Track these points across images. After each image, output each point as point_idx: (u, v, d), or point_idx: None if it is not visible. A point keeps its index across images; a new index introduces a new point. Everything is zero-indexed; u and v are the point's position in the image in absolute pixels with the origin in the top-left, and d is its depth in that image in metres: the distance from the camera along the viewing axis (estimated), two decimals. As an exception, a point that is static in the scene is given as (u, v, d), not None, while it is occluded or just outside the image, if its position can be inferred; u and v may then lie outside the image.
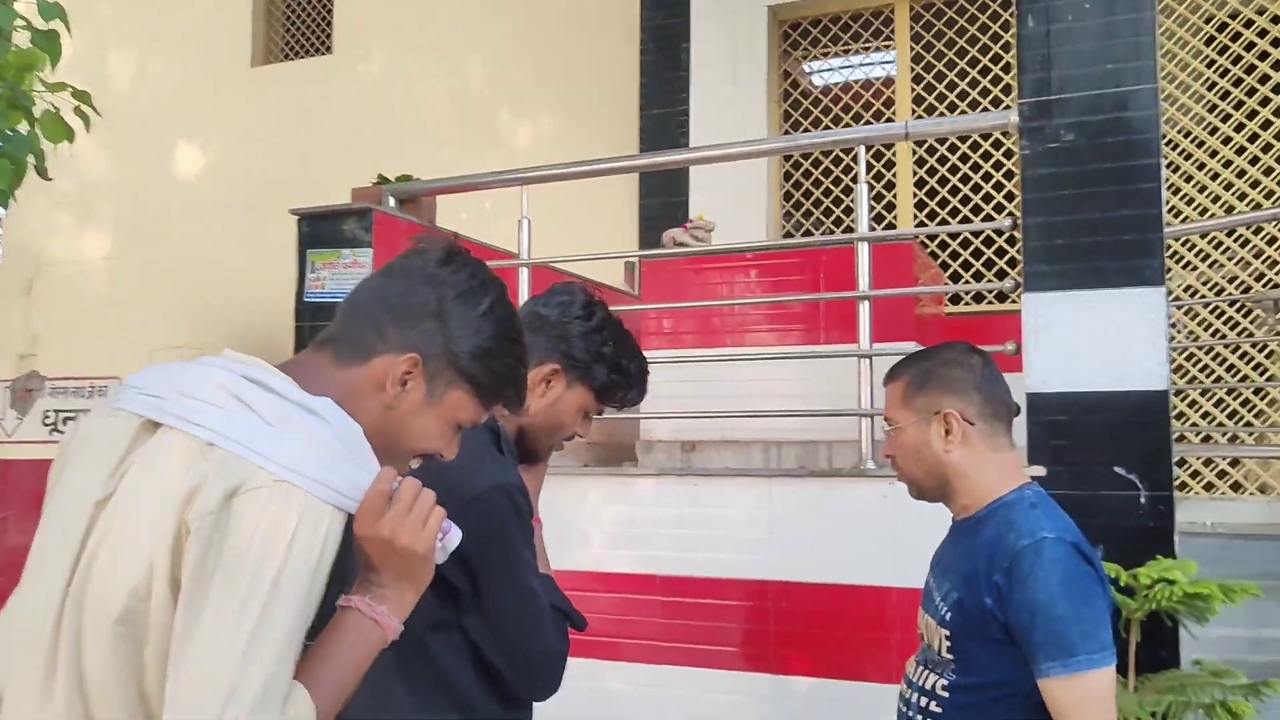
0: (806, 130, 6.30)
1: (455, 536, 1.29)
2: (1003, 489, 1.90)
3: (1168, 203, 5.09)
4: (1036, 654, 1.74)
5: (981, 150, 5.85)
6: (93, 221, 8.43)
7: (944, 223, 5.90)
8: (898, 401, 1.97)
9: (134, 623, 1.09)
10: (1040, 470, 2.93)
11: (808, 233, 6.26)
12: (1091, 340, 2.92)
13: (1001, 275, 5.46)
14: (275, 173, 7.63)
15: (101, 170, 8.45)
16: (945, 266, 6.01)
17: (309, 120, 7.66)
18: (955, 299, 5.76)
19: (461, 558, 1.77)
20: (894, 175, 6.09)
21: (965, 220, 5.82)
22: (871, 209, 6.13)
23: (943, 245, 5.98)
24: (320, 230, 3.82)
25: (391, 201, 3.99)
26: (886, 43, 6.26)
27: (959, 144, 5.85)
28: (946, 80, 5.98)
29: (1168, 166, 5.15)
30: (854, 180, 6.26)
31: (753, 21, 6.27)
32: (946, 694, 1.87)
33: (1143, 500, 2.85)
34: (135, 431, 1.16)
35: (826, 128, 6.27)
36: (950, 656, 1.86)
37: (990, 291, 3.66)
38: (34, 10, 3.84)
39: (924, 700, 1.90)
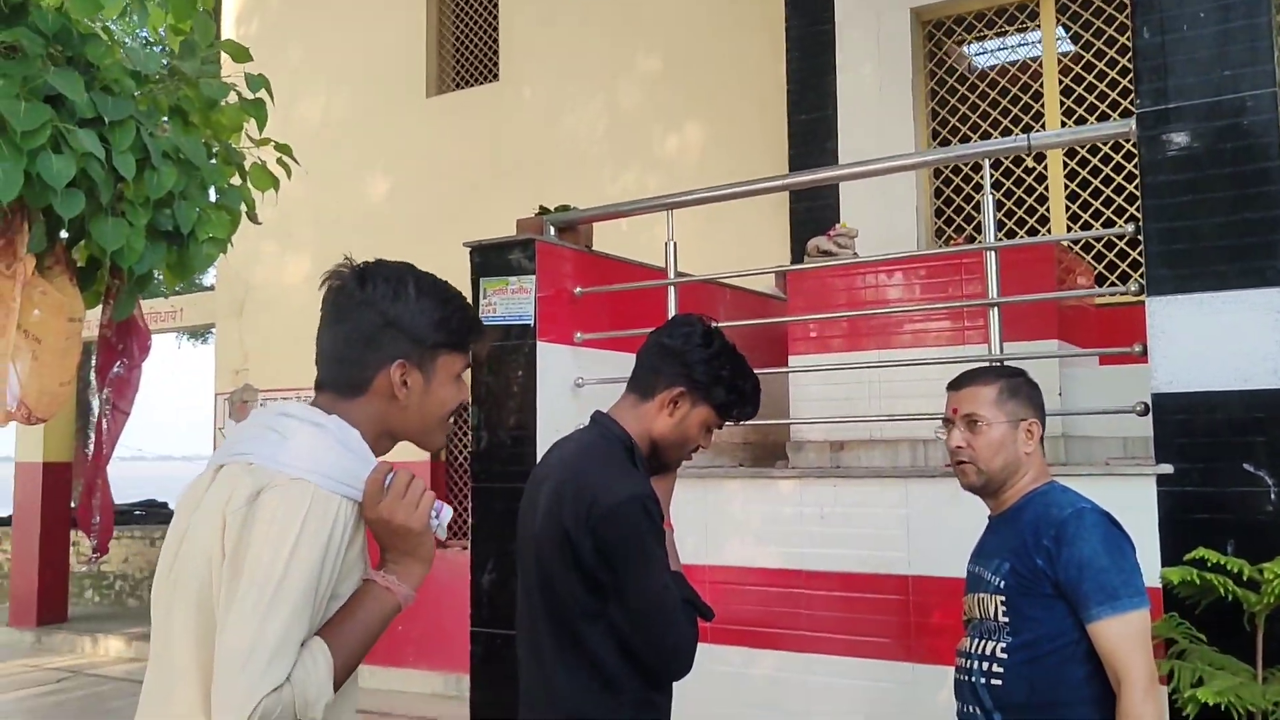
0: (954, 127, 6.37)
1: (447, 514, 1.62)
2: (1038, 483, 2.36)
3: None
4: (1087, 601, 2.12)
5: (1124, 150, 5.79)
6: (293, 248, 9.24)
7: (1103, 221, 5.87)
8: (989, 402, 2.36)
9: (208, 585, 1.45)
10: (1168, 468, 3.03)
11: (960, 227, 6.33)
12: (1215, 341, 3.00)
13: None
14: (448, 195, 8.22)
15: (299, 200, 9.25)
16: (1100, 257, 5.98)
17: (477, 144, 8.21)
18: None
19: (604, 555, 2.17)
20: (1044, 167, 6.09)
21: (1120, 211, 5.79)
22: (1022, 202, 6.18)
23: (1092, 241, 5.96)
24: (489, 260, 4.23)
25: (551, 230, 4.37)
26: (1033, 35, 6.26)
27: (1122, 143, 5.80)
28: (1096, 70, 5.94)
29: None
30: (994, 187, 6.31)
31: (897, 23, 6.38)
32: (1005, 655, 2.20)
33: (1272, 496, 2.92)
34: (211, 475, 1.56)
35: (974, 124, 6.32)
36: (1006, 620, 2.21)
37: (1115, 294, 3.73)
38: (241, 80, 4.40)
39: (985, 665, 2.23)
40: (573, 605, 2.19)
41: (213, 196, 4.41)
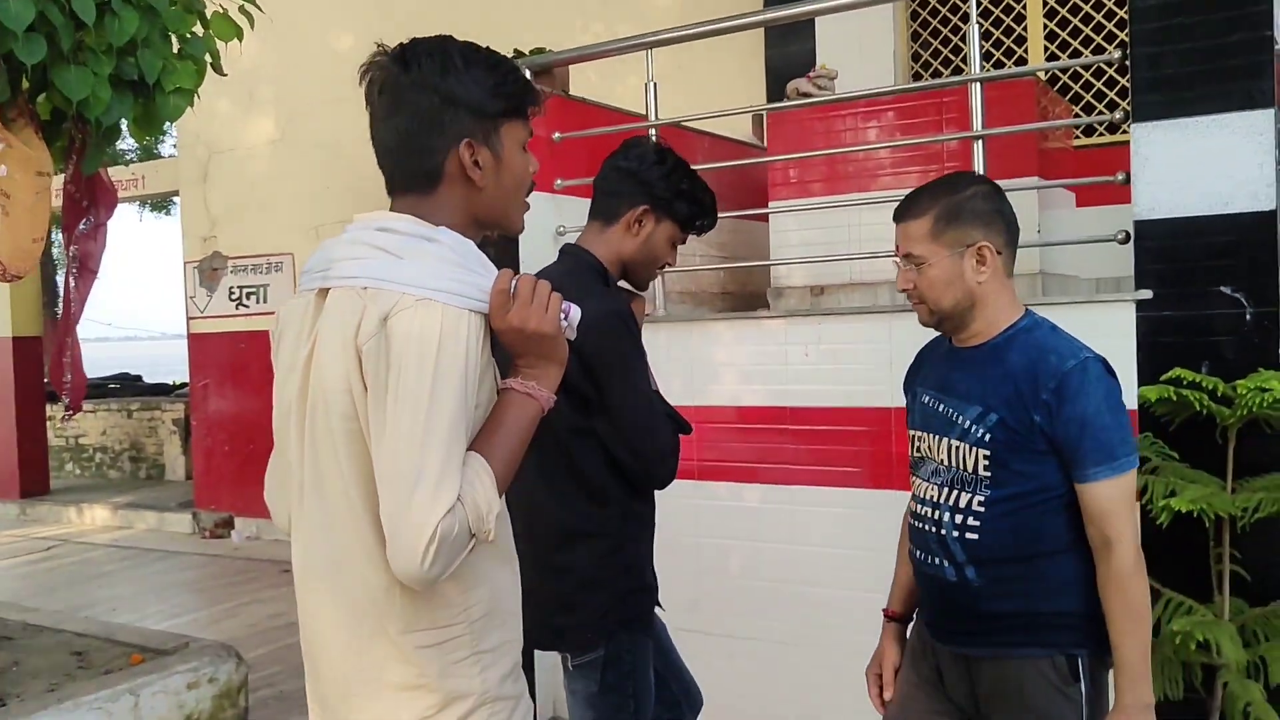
0: (932, -33, 6.23)
1: (576, 313, 1.58)
2: (1013, 315, 2.09)
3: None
4: (1084, 461, 1.96)
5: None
6: (256, 108, 8.99)
7: (1077, 54, 5.81)
8: (924, 237, 2.06)
9: (353, 417, 1.42)
10: (1146, 293, 3.08)
11: (936, 73, 6.25)
12: (1199, 165, 3.02)
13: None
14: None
15: (257, 58, 8.96)
16: (1077, 99, 5.94)
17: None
18: (1089, 130, 5.72)
19: (588, 370, 2.23)
20: (1023, 8, 6.00)
21: (1099, 50, 5.72)
22: (1000, 44, 6.09)
23: (1075, 77, 5.90)
24: (465, 106, 4.14)
25: (527, 74, 4.26)
26: None
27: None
28: (1078, -98, 5.80)
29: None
30: (981, 16, 6.20)
31: None
32: (983, 508, 2.04)
33: (1248, 318, 2.99)
34: (313, 301, 1.51)
35: (953, -38, 6.18)
36: (988, 474, 2.03)
37: (1101, 124, 3.71)
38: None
39: (958, 518, 2.07)
40: (560, 425, 2.19)
41: (176, 47, 4.27)
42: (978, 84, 3.46)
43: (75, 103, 3.55)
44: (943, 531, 2.10)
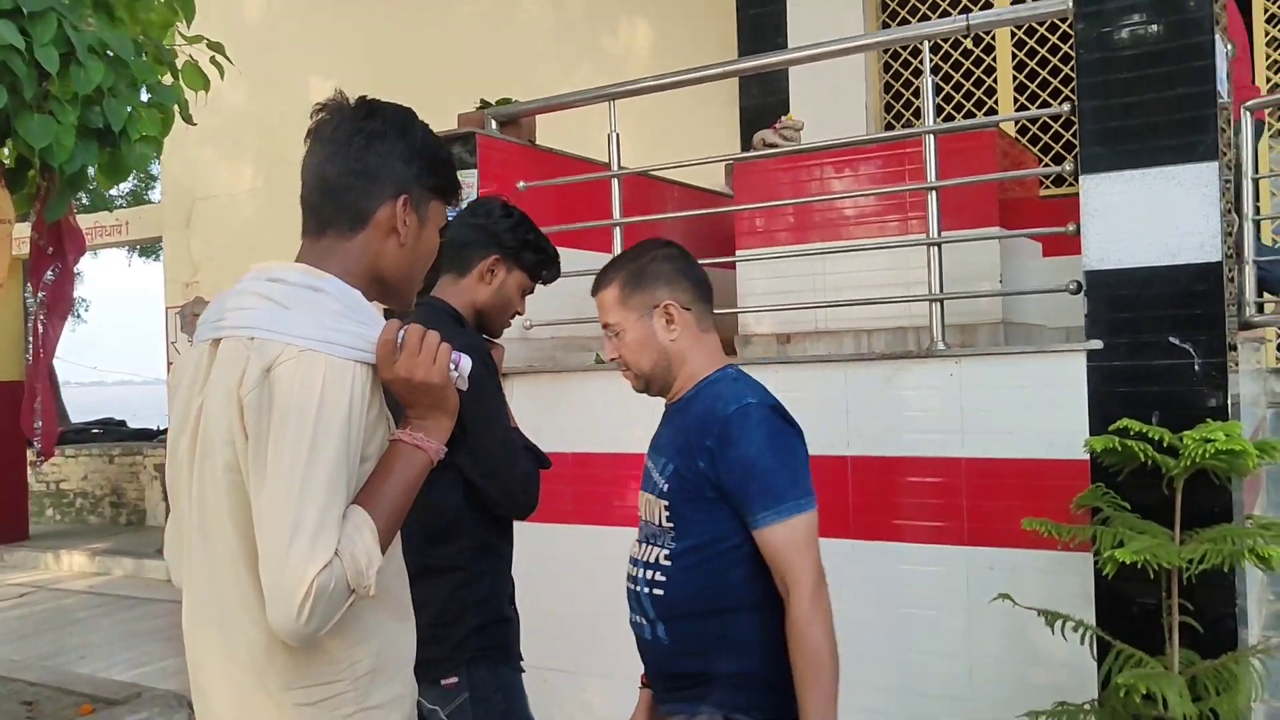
0: (904, 19, 6.32)
1: (467, 364, 1.59)
2: (710, 369, 2.14)
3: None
4: (752, 505, 1.96)
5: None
6: (238, 155, 9.06)
7: (1046, 105, 5.88)
8: (615, 305, 2.15)
9: (236, 469, 1.42)
10: (1097, 344, 3.09)
11: (909, 123, 6.32)
12: (1146, 218, 3.04)
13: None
14: (396, 95, 8.04)
15: (242, 106, 9.05)
16: (1047, 149, 6.01)
17: (424, 42, 8.03)
18: (1059, 180, 5.77)
19: None
20: (994, 59, 6.08)
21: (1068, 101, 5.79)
22: (971, 95, 6.16)
23: (1045, 128, 5.97)
24: (430, 155, 4.17)
25: (493, 125, 4.31)
26: (983, -77, 6.18)
27: (1059, 24, 5.78)
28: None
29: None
30: (953, 68, 6.28)
31: (846, -88, 6.28)
32: (669, 561, 2.05)
33: (1196, 368, 2.99)
34: (207, 351, 1.51)
35: (925, 16, 6.27)
36: (670, 525, 2.06)
37: (1049, 176, 3.74)
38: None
39: (650, 573, 2.09)
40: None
41: (145, 96, 4.31)
42: (930, 136, 3.49)
43: (38, 150, 3.58)
44: (639, 588, 2.11)
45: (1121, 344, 3.08)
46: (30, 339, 4.39)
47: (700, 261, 2.29)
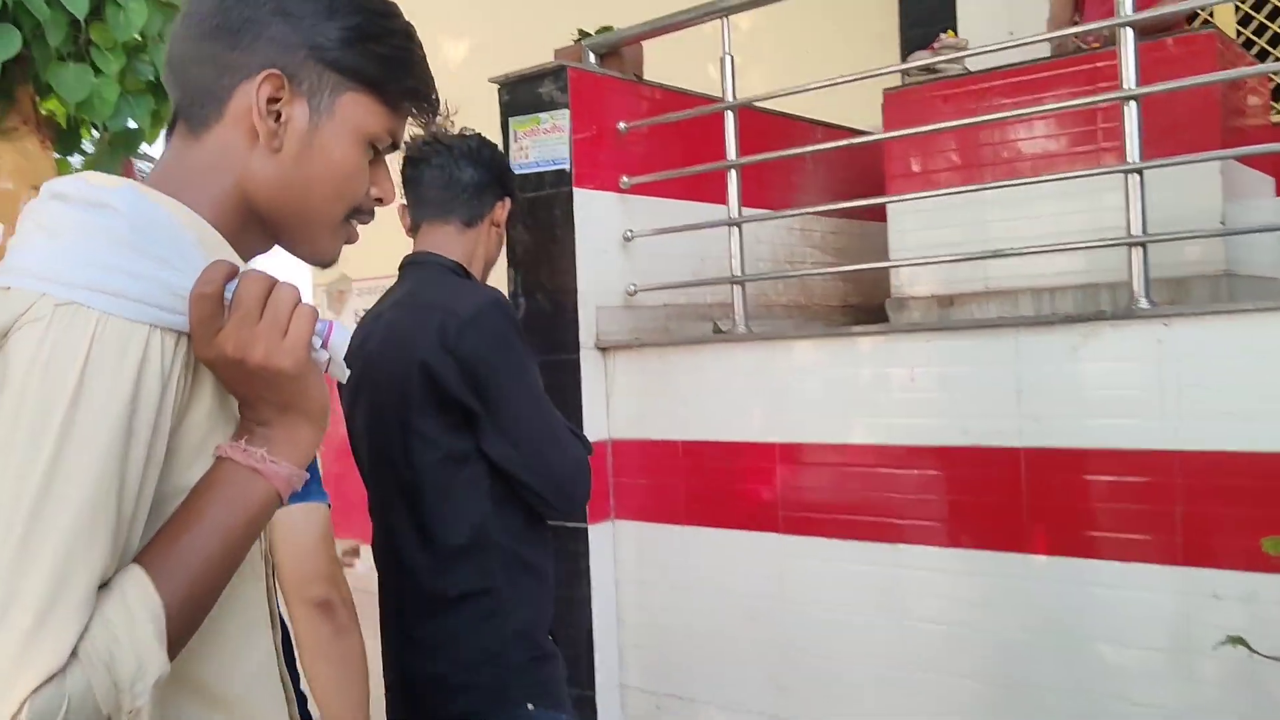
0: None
1: (342, 336, 0.98)
2: None
3: None
4: None
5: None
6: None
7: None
8: None
9: None
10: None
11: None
12: None
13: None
14: (522, 52, 7.55)
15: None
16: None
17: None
18: (1295, 102, 4.72)
19: (472, 377, 1.88)
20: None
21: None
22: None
23: (1275, 40, 4.90)
24: (518, 96, 3.61)
25: (592, 58, 3.70)
26: None
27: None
28: None
29: None
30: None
31: None
32: None
33: None
34: None
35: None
36: None
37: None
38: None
39: None
40: (424, 458, 1.91)
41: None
42: (1127, 31, 2.66)
43: (74, 105, 3.20)
44: None
45: None
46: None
47: (846, 209, 1.68)
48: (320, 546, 1.69)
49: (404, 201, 2.16)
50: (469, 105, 3.69)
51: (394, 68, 1.06)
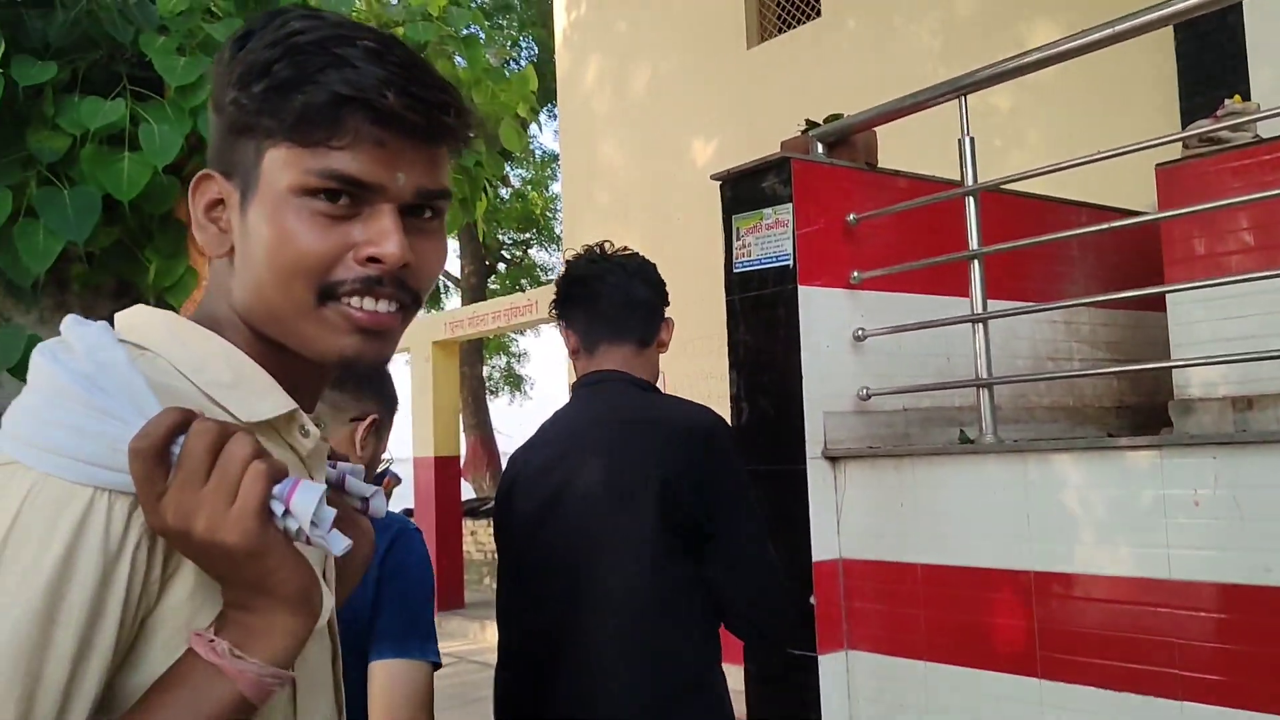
0: None
1: (308, 497, 0.76)
2: None
3: None
4: None
5: None
6: (627, 225, 8.95)
7: None
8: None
9: None
10: None
11: None
12: None
13: None
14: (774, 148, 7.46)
15: (633, 177, 8.95)
16: None
17: (801, 91, 7.36)
18: None
19: (708, 492, 1.84)
20: None
21: None
22: None
23: None
24: (741, 192, 3.44)
25: (820, 149, 3.49)
26: None
27: None
28: None
29: None
30: None
31: None
32: None
33: None
34: None
35: None
36: None
37: None
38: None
39: None
40: (661, 579, 1.84)
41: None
42: None
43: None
44: None
45: None
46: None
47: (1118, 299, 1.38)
48: (410, 711, 1.58)
49: (563, 320, 2.05)
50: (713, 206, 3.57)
51: (288, 91, 0.81)
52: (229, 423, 0.76)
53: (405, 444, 11.87)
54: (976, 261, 3.08)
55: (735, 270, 3.42)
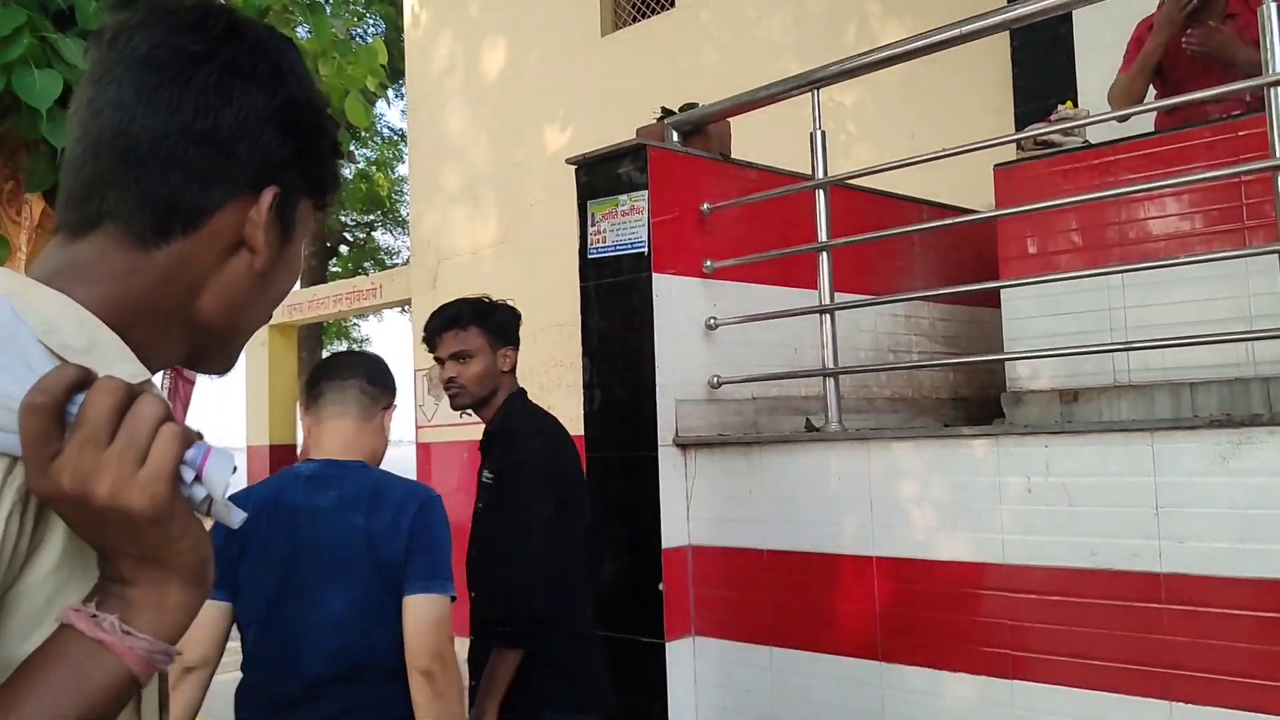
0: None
1: (221, 465, 0.73)
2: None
3: None
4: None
5: None
6: (480, 212, 8.80)
7: None
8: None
9: None
10: None
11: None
12: None
13: None
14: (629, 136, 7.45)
15: (483, 162, 8.80)
16: None
17: (655, 80, 7.38)
18: None
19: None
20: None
21: None
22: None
23: None
24: (597, 177, 3.40)
25: (675, 136, 3.49)
26: None
27: None
28: None
29: None
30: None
31: None
32: None
33: None
34: None
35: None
36: None
37: None
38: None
39: None
40: None
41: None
42: (1276, 87, 2.30)
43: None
44: None
45: None
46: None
47: (955, 293, 1.38)
48: (433, 630, 2.14)
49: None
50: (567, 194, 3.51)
51: (328, 164, 0.96)
52: (133, 383, 0.71)
53: (239, 432, 11.41)
54: (825, 254, 3.14)
55: (590, 256, 3.39)
